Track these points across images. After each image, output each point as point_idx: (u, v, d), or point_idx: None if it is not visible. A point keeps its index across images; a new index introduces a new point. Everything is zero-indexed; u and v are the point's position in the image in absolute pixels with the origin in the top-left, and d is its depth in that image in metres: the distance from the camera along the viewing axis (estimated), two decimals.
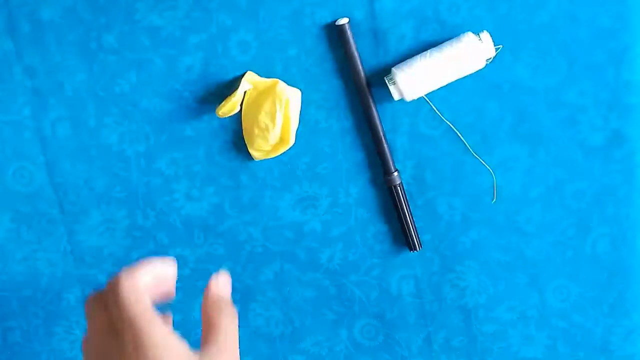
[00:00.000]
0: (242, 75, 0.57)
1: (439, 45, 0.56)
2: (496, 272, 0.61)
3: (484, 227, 0.60)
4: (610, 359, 0.62)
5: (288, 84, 0.58)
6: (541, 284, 0.61)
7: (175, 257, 0.61)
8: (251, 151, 0.58)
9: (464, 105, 0.58)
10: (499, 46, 0.57)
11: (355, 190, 0.60)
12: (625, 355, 0.62)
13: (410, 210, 0.59)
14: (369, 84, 0.58)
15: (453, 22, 0.57)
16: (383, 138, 0.58)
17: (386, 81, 0.56)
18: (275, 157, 0.59)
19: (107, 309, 0.38)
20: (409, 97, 0.56)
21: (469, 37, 0.55)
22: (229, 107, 0.55)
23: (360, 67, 0.57)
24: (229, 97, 0.56)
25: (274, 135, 0.56)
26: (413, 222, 0.60)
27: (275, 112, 0.55)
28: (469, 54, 0.54)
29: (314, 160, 0.60)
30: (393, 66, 0.56)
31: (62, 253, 0.62)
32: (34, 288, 0.63)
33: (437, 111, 0.58)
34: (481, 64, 0.55)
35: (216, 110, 0.56)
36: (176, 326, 0.56)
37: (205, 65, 0.58)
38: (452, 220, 0.60)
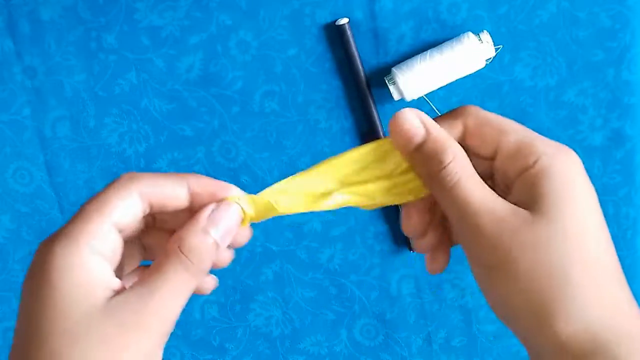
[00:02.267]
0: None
1: (439, 46, 0.56)
2: None
3: None
4: None
5: (288, 84, 0.58)
6: None
7: None
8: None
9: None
10: (499, 46, 0.57)
11: None
12: None
13: None
14: (369, 84, 0.58)
15: (453, 22, 0.57)
16: (383, 138, 0.58)
17: (386, 81, 0.56)
18: (276, 157, 0.59)
19: None
20: (409, 97, 0.56)
21: (469, 37, 0.55)
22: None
23: (360, 67, 0.57)
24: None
25: None
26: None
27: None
28: (469, 54, 0.54)
29: (314, 160, 0.60)
30: (393, 66, 0.56)
31: None
32: None
33: (437, 111, 0.58)
34: (481, 64, 0.55)
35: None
36: (175, 327, 0.56)
37: (205, 65, 0.58)
38: None
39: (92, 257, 0.29)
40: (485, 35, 0.55)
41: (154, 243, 0.36)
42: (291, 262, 0.62)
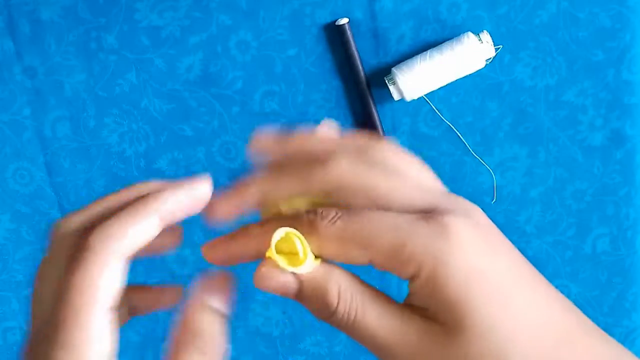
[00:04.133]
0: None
1: (439, 46, 0.56)
2: None
3: None
4: None
5: (288, 84, 0.58)
6: None
7: (175, 257, 0.61)
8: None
9: (464, 105, 0.58)
10: (499, 46, 0.57)
11: None
12: None
13: None
14: (369, 84, 0.58)
15: (453, 22, 0.57)
16: (383, 138, 0.58)
17: (386, 81, 0.56)
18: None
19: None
20: (409, 97, 0.56)
21: (469, 37, 0.55)
22: None
23: (360, 67, 0.57)
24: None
25: None
26: None
27: None
28: (469, 54, 0.54)
29: None
30: (393, 66, 0.56)
31: None
32: None
33: (437, 111, 0.58)
34: (481, 64, 0.55)
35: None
36: None
37: (205, 65, 0.58)
38: None
39: None
40: (485, 35, 0.55)
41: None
42: None
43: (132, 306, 0.32)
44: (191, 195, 0.29)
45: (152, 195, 0.29)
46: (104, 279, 0.26)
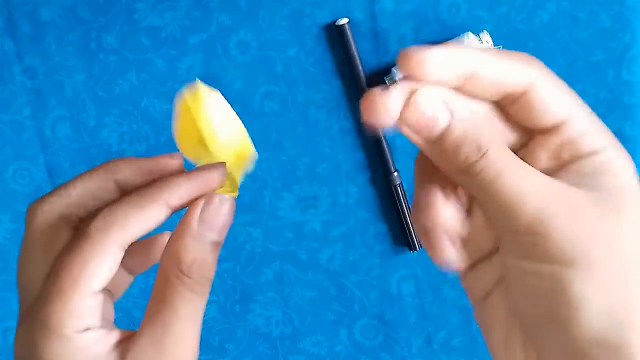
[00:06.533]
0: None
1: None
2: None
3: None
4: None
5: (288, 84, 0.58)
6: None
7: None
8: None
9: None
10: (499, 46, 0.57)
11: (355, 190, 0.60)
12: None
13: (410, 210, 0.60)
14: (369, 84, 0.58)
15: (453, 22, 0.57)
16: (383, 138, 0.58)
17: (386, 81, 0.56)
18: (275, 157, 0.59)
19: None
20: None
21: (469, 37, 0.55)
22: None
23: (360, 67, 0.57)
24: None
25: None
26: (413, 222, 0.60)
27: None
28: None
29: (314, 160, 0.60)
30: (393, 66, 0.56)
31: None
32: None
33: None
34: None
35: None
36: None
37: (205, 65, 0.58)
38: None
39: (81, 339, 0.26)
40: (485, 35, 0.55)
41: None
42: (291, 262, 0.62)
43: (129, 267, 0.32)
44: (203, 187, 0.28)
45: (160, 184, 0.28)
46: (96, 265, 0.25)
